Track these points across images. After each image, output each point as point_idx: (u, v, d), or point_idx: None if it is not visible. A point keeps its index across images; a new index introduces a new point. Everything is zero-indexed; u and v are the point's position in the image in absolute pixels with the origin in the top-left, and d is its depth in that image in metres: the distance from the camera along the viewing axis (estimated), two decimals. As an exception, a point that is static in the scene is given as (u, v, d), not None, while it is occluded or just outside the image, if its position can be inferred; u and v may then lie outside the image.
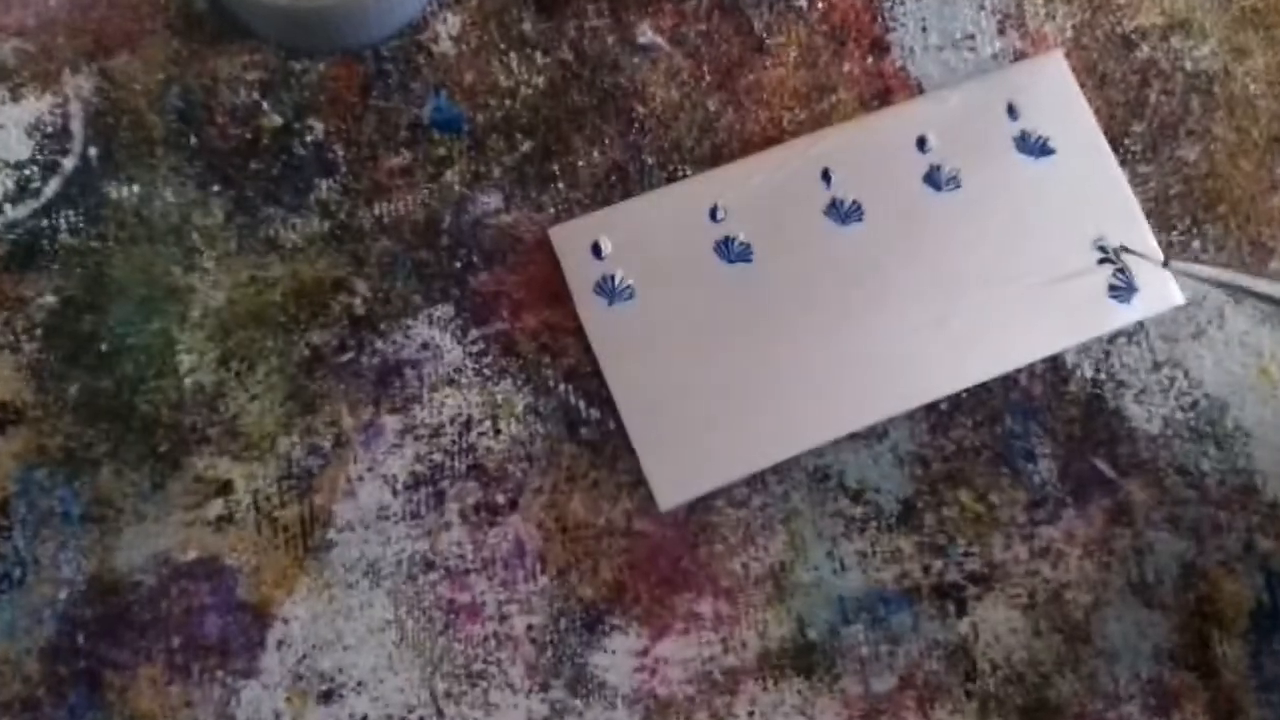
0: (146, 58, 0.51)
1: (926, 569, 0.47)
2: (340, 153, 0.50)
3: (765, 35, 0.52)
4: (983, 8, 0.53)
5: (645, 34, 0.52)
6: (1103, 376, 0.49)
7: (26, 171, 0.49)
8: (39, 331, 0.47)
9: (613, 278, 0.48)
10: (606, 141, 0.51)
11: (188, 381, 0.47)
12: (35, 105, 0.50)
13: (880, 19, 0.53)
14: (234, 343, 0.48)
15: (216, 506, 0.46)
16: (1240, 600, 0.47)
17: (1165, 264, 0.46)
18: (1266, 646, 0.47)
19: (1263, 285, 0.42)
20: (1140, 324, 0.50)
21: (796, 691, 0.45)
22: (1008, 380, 0.49)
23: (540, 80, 0.51)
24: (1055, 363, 0.49)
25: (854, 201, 0.50)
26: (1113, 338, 0.50)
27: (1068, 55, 0.52)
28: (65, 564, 0.45)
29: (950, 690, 0.46)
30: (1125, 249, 0.49)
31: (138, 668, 0.44)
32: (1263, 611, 0.47)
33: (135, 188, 0.49)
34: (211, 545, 0.46)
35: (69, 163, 0.49)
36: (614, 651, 0.45)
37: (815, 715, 0.45)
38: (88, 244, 0.48)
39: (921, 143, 0.50)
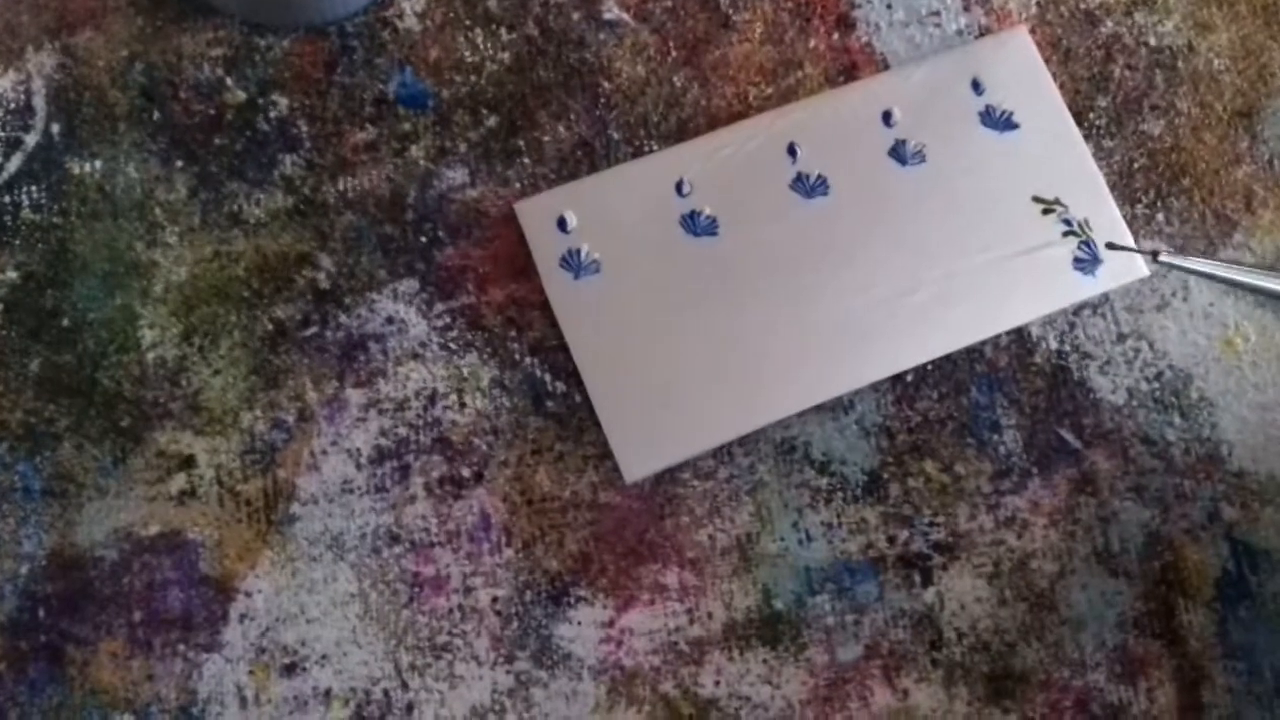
0: (110, 34, 0.51)
1: (892, 539, 0.47)
2: (304, 128, 0.50)
3: (731, 11, 0.53)
4: (947, -17, 0.54)
5: (611, 10, 0.52)
6: (1067, 348, 0.49)
7: (-12, 148, 0.49)
8: (0, 307, 0.47)
9: (578, 252, 0.48)
10: (572, 117, 0.51)
11: (150, 356, 0.47)
12: (-3, 82, 0.50)
13: (845, -5, 0.53)
14: (197, 318, 0.48)
15: (179, 481, 0.46)
16: (1205, 568, 0.47)
17: (1155, 257, 0.44)
18: (1232, 614, 0.47)
19: (1252, 276, 0.42)
20: (1105, 296, 0.50)
21: (762, 661, 0.45)
22: (973, 352, 0.49)
23: (505, 56, 0.51)
24: (1020, 335, 0.49)
25: (819, 175, 0.50)
26: (1077, 310, 0.50)
27: (1032, 31, 0.53)
28: (26, 539, 0.45)
29: (916, 659, 0.46)
30: (1113, 245, 0.48)
31: (99, 642, 0.44)
32: (1228, 580, 0.47)
33: (98, 163, 0.49)
34: (174, 519, 0.45)
35: (31, 139, 0.49)
36: (580, 623, 0.45)
37: (781, 685, 0.45)
38: (50, 220, 0.48)
39: (887, 117, 0.51)
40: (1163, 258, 0.43)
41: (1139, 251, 0.48)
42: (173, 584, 0.45)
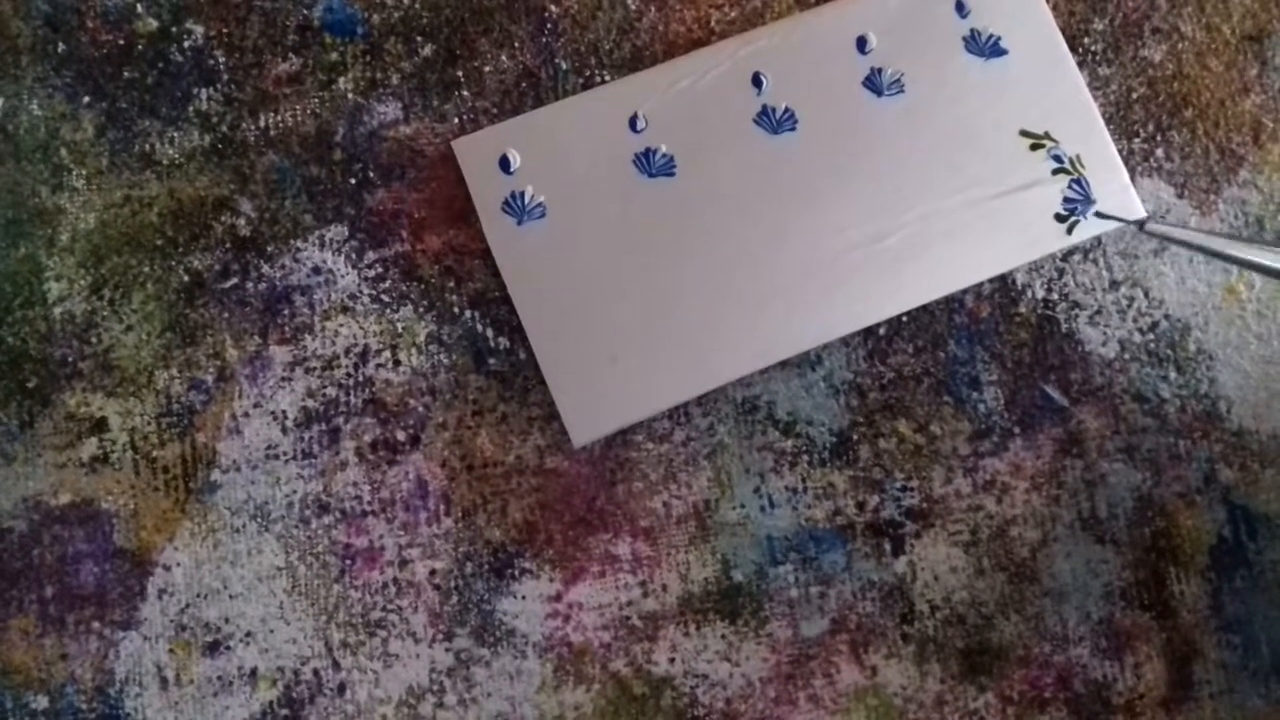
0: (8, -43, 0.46)
1: (861, 505, 0.44)
2: (222, 59, 0.46)
3: (693, -73, 0.48)
4: (931, -106, 0.49)
5: (560, -74, 0.48)
6: (1055, 297, 0.46)
7: (-122, 84, 0.45)
8: (-106, 259, 0.44)
9: (522, 195, 0.45)
10: (516, 44, 0.47)
11: (57, 311, 0.44)
12: (-113, 11, 0.46)
13: (818, -93, 0.48)
14: (107, 269, 0.44)
15: (90, 446, 0.43)
16: (1200, 535, 0.44)
17: (1141, 226, 0.41)
18: (1227, 584, 0.44)
19: (1244, 250, 0.38)
20: (1097, 240, 0.46)
21: (720, 636, 0.43)
22: (952, 302, 0.46)
23: (444, -22, 0.47)
24: (1004, 282, 0.46)
25: (787, 109, 0.46)
26: (1067, 255, 0.46)
27: (1024, -54, 0.48)
28: (-73, 510, 0.42)
29: (885, 633, 0.43)
30: (1101, 214, 0.45)
31: (8, 619, 0.42)
32: (1224, 547, 0.44)
33: (-2, 100, 0.45)
34: (85, 488, 0.43)
35: (-75, 74, 0.45)
36: (524, 597, 0.43)
37: (740, 661, 0.42)
38: (-54, 163, 0.45)
39: (861, 43, 0.47)
40: (1150, 227, 0.39)
41: (1124, 221, 0.44)
42: (86, 557, 0.42)
